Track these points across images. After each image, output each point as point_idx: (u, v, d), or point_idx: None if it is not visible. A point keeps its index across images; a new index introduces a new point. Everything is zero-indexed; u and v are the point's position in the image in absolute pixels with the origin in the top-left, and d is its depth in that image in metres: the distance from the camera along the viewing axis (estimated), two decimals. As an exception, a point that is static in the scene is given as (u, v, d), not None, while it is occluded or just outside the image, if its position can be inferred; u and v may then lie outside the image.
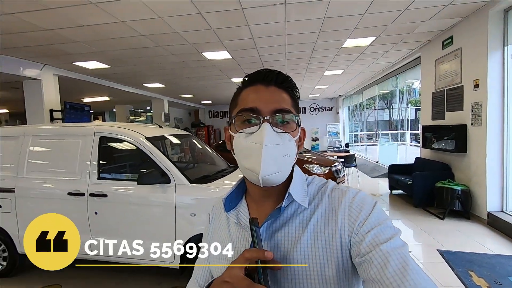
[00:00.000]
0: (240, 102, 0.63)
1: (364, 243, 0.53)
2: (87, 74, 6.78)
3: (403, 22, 4.40)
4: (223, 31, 4.42)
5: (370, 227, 0.55)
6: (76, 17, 3.64)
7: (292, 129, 0.61)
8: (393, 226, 0.55)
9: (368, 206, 0.58)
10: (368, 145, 12.97)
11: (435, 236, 3.81)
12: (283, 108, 0.60)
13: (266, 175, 0.56)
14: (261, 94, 0.61)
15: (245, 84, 0.65)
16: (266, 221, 0.61)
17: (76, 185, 2.88)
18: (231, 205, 0.69)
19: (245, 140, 0.59)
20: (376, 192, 6.52)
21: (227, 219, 0.70)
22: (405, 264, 0.48)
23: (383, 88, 9.55)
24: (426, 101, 5.67)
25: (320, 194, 0.64)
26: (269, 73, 0.63)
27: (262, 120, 0.58)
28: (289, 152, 0.59)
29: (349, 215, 0.58)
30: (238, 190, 0.71)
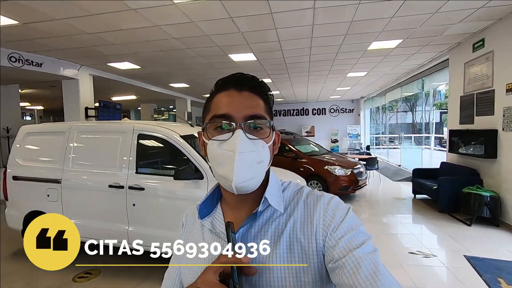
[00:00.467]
0: (212, 108, 0.62)
1: (337, 248, 0.54)
2: (118, 74, 7.16)
3: (433, 25, 4.36)
4: (250, 34, 4.56)
5: (343, 232, 0.55)
6: (116, 22, 3.91)
7: (266, 135, 0.60)
8: (365, 232, 0.57)
9: (342, 212, 0.59)
10: (390, 148, 12.72)
11: (461, 242, 3.76)
12: (256, 114, 0.59)
13: (239, 183, 0.56)
14: (234, 99, 0.60)
15: (217, 88, 0.63)
16: (242, 227, 0.60)
17: (116, 178, 3.11)
18: (205, 212, 0.68)
19: (218, 147, 0.58)
20: (398, 196, 6.44)
21: (201, 226, 0.68)
22: (376, 269, 0.49)
23: (408, 91, 9.36)
24: (454, 104, 5.55)
25: (296, 199, 0.64)
26: (242, 77, 0.62)
27: (235, 127, 0.57)
28: (263, 159, 0.59)
29: (324, 220, 0.58)
30: (213, 197, 0.70)
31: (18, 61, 5.00)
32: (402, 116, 22.92)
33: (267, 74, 7.70)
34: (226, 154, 0.57)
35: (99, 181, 3.18)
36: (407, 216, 5.21)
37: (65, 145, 3.38)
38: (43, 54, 5.33)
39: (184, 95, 11.36)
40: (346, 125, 14.68)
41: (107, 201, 3.15)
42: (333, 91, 11.59)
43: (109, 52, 5.31)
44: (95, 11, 3.53)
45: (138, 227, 3.05)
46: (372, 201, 6.20)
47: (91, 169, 3.26)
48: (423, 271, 3.10)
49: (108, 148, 3.26)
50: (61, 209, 3.31)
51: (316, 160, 6.36)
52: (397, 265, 3.21)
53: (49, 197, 3.36)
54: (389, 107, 15.62)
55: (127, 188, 3.06)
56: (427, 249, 3.61)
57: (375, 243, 0.56)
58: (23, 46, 4.82)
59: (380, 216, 5.19)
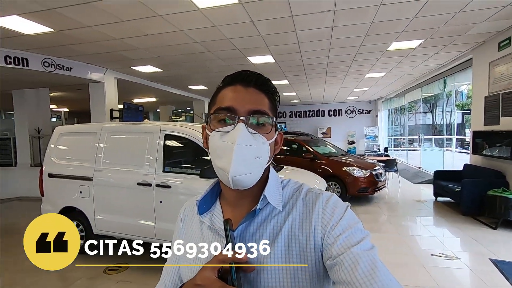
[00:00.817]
0: (217, 101, 0.63)
1: (335, 245, 0.54)
2: (141, 77, 7.43)
3: (456, 24, 4.29)
4: (270, 36, 4.64)
5: (341, 230, 0.55)
6: (142, 28, 4.09)
7: (267, 132, 0.61)
8: (363, 229, 0.57)
9: (340, 209, 0.59)
10: (409, 150, 12.45)
11: (486, 245, 3.68)
12: (259, 109, 0.60)
13: (236, 175, 0.56)
14: (239, 94, 0.61)
15: (225, 83, 0.64)
16: (241, 224, 0.61)
17: (144, 177, 3.27)
18: (204, 208, 0.68)
19: (219, 139, 0.59)
20: (419, 198, 6.33)
21: (200, 222, 0.68)
22: (374, 266, 0.49)
23: (428, 91, 9.16)
24: (478, 105, 5.41)
25: (295, 197, 0.64)
26: (249, 74, 0.62)
27: (237, 120, 0.58)
28: (262, 155, 0.59)
29: (322, 217, 0.59)
30: (212, 193, 0.70)
31: (50, 66, 5.31)
32: (421, 117, 22.33)
33: (284, 76, 7.76)
34: (225, 146, 0.57)
35: (128, 179, 3.36)
36: (429, 218, 5.12)
37: (96, 145, 3.58)
38: (73, 59, 5.63)
39: (201, 96, 11.59)
40: (363, 126, 14.48)
41: (135, 198, 3.32)
42: (350, 92, 11.49)
43: (134, 56, 5.54)
44: (125, 18, 3.73)
45: (165, 223, 3.19)
46: (392, 203, 6.12)
47: (121, 168, 3.44)
48: (446, 273, 3.06)
49: (136, 148, 3.44)
50: (92, 205, 3.51)
51: (334, 161, 6.36)
52: (419, 266, 3.19)
53: (82, 193, 3.57)
54: (408, 108, 15.29)
55: (154, 185, 3.21)
56: (450, 251, 3.56)
57: (396, 243, 0.61)
58: (56, 52, 5.12)
59: (400, 218, 5.13)
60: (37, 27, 3.90)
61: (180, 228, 0.73)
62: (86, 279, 3.12)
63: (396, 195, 6.87)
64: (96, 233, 3.54)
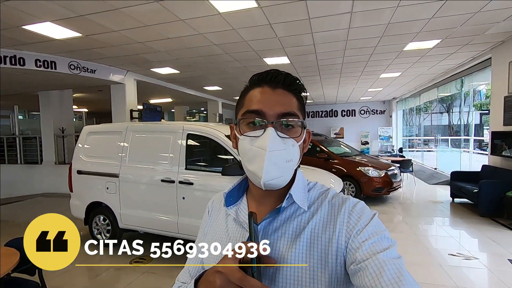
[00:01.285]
0: (246, 103, 0.63)
1: (360, 251, 0.53)
2: (159, 78, 7.67)
3: (474, 24, 4.27)
4: (287, 38, 4.74)
5: (367, 236, 0.55)
6: (165, 31, 4.27)
7: (297, 134, 0.61)
8: (390, 238, 0.56)
9: (367, 216, 0.59)
10: (424, 150, 12.26)
11: (505, 246, 3.66)
12: (288, 111, 0.60)
13: (268, 180, 0.57)
14: (267, 96, 0.61)
15: (252, 84, 0.64)
16: (264, 220, 0.62)
17: (168, 174, 3.44)
18: (231, 201, 0.70)
19: (249, 143, 0.59)
20: (435, 199, 6.28)
21: (226, 214, 0.70)
22: (400, 274, 0.48)
23: (445, 91, 9.02)
24: (497, 105, 5.33)
25: (320, 199, 0.65)
26: (277, 74, 0.62)
27: (266, 124, 0.59)
28: (292, 157, 0.60)
29: (348, 222, 0.58)
30: (239, 187, 0.72)
31: (76, 68, 5.58)
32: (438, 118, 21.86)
33: (298, 76, 7.77)
34: (256, 151, 0.58)
35: (152, 176, 3.53)
36: (445, 219, 5.10)
37: (122, 143, 3.78)
38: (97, 62, 5.90)
39: (216, 97, 11.79)
40: (377, 126, 14.33)
41: (159, 194, 3.49)
42: (364, 92, 11.43)
43: (154, 58, 5.75)
44: (149, 23, 3.91)
45: (187, 218, 3.34)
46: (407, 204, 6.10)
47: (145, 165, 3.62)
48: (464, 272, 3.09)
49: (160, 146, 3.61)
50: (118, 201, 3.71)
51: (349, 161, 6.39)
52: (436, 265, 3.22)
53: (108, 189, 3.77)
54: (423, 108, 15.04)
55: (177, 182, 3.37)
56: (467, 251, 3.56)
57: (412, 243, 0.65)
58: (81, 55, 5.39)
59: (416, 218, 5.12)
60: (67, 32, 4.14)
61: (207, 219, 0.76)
62: (113, 270, 3.31)
63: (411, 195, 6.83)
64: (122, 227, 3.74)
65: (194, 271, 0.73)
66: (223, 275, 0.48)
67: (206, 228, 0.74)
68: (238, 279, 0.46)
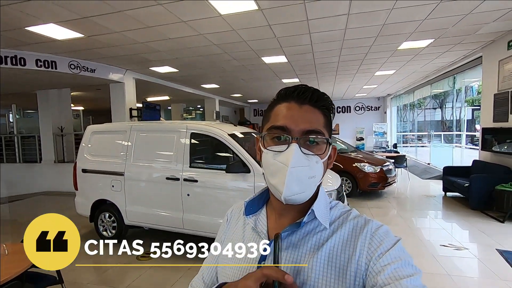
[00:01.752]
0: (272, 118, 0.63)
1: (382, 274, 0.52)
2: (157, 77, 7.73)
3: (466, 25, 4.44)
4: (285, 38, 4.86)
5: (390, 260, 0.54)
6: (166, 32, 4.35)
7: (322, 151, 0.61)
8: (415, 266, 0.55)
9: (391, 240, 0.57)
10: (418, 146, 12.52)
11: (494, 237, 3.87)
12: (314, 129, 0.60)
13: (289, 196, 0.57)
14: (294, 112, 0.60)
15: (279, 99, 0.65)
16: (283, 232, 0.61)
17: (172, 172, 3.56)
18: (251, 210, 0.70)
19: (272, 157, 0.60)
20: (428, 193, 6.50)
21: (244, 223, 0.71)
22: None
23: (438, 88, 9.25)
24: (487, 102, 5.54)
25: (342, 218, 0.64)
26: (304, 90, 0.62)
27: (291, 140, 0.58)
28: (315, 174, 0.60)
29: (370, 243, 0.57)
30: (260, 197, 0.72)
31: (76, 68, 5.63)
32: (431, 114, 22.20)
33: (295, 74, 7.96)
34: (279, 166, 0.58)
35: (157, 174, 3.65)
36: (438, 212, 5.31)
37: (127, 142, 3.88)
38: (97, 61, 5.94)
39: (213, 95, 11.86)
40: (372, 123, 14.56)
41: (164, 192, 3.61)
42: (359, 89, 11.62)
43: (154, 58, 5.82)
44: (151, 24, 3.99)
45: (192, 214, 3.47)
46: (401, 198, 6.31)
47: (150, 163, 3.73)
48: (454, 262, 3.28)
49: (164, 145, 3.72)
50: (124, 198, 3.82)
51: (345, 157, 6.55)
52: (429, 255, 3.41)
53: (114, 187, 3.87)
54: (417, 104, 15.30)
55: (182, 180, 3.49)
56: (458, 242, 3.77)
57: (407, 235, 0.70)
58: (81, 55, 5.44)
59: (410, 212, 5.33)
60: (70, 33, 4.19)
61: (225, 227, 0.76)
62: (121, 265, 3.43)
63: (405, 190, 7.05)
64: (127, 223, 3.85)
65: (209, 278, 0.73)
66: None
67: (223, 236, 0.75)
68: None
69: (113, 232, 3.99)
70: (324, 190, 0.68)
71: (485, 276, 3.00)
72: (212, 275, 0.72)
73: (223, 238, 0.74)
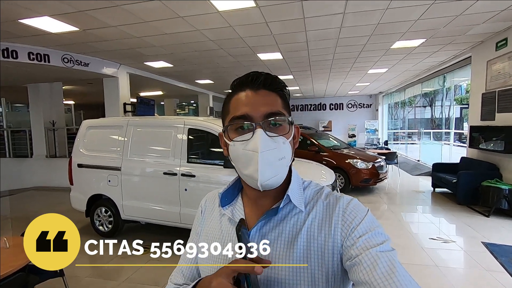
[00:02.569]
0: (231, 109, 0.63)
1: (355, 246, 0.55)
2: (151, 72, 7.68)
3: (456, 26, 4.57)
4: (281, 36, 4.91)
5: (362, 232, 0.56)
6: (162, 27, 4.34)
7: (286, 131, 0.62)
8: (384, 233, 0.57)
9: (361, 213, 0.60)
10: (408, 143, 12.80)
11: (479, 230, 4.04)
12: (274, 111, 0.60)
13: (264, 181, 0.58)
14: (251, 99, 0.61)
15: (234, 89, 0.65)
16: (261, 221, 0.62)
17: (170, 167, 3.59)
18: (226, 201, 0.70)
19: (240, 148, 0.60)
20: (417, 189, 6.70)
21: (220, 214, 0.71)
22: (393, 267, 0.50)
23: (428, 86, 9.46)
24: (475, 101, 5.72)
25: (316, 198, 0.65)
26: (257, 76, 0.62)
27: (255, 127, 0.59)
28: (284, 155, 0.60)
29: (343, 220, 0.59)
30: (234, 187, 0.72)
31: (69, 61, 5.55)
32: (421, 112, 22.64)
33: (290, 71, 8.03)
34: (249, 154, 0.58)
35: (154, 169, 3.67)
36: (427, 207, 5.49)
37: (123, 137, 3.88)
38: (90, 55, 5.87)
39: (206, 90, 11.83)
40: (364, 120, 14.80)
41: (161, 187, 3.64)
42: (352, 87, 11.77)
43: (148, 52, 5.79)
44: (148, 19, 3.98)
45: (189, 209, 3.52)
46: (392, 194, 6.49)
47: (147, 159, 3.75)
48: (442, 254, 3.43)
49: (161, 140, 3.74)
50: (120, 193, 3.83)
51: (338, 154, 6.68)
52: (418, 248, 3.56)
53: (110, 182, 3.88)
54: (407, 102, 15.59)
55: (179, 175, 3.53)
56: (446, 235, 3.93)
57: (397, 228, 0.72)
58: (75, 48, 5.36)
59: (401, 206, 5.49)
60: (64, 26, 4.14)
61: (200, 218, 0.76)
62: (118, 259, 3.46)
63: (396, 186, 7.23)
64: (124, 218, 3.87)
65: (188, 271, 0.72)
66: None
67: (199, 228, 0.74)
68: None
69: (109, 227, 4.00)
70: (296, 172, 0.69)
71: (471, 267, 3.15)
72: (192, 268, 0.72)
73: (199, 230, 0.74)
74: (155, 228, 3.97)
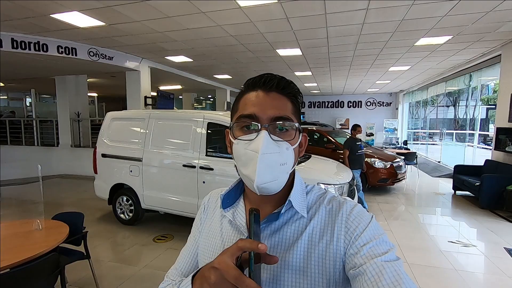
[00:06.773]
0: (240, 108, 0.62)
1: (359, 255, 0.53)
2: (172, 66, 7.83)
3: (486, 22, 4.38)
4: (301, 31, 4.87)
5: (366, 241, 0.55)
6: (185, 23, 4.42)
7: (291, 137, 0.60)
8: (388, 241, 0.56)
9: (365, 220, 0.59)
10: (429, 144, 12.42)
11: (502, 236, 3.91)
12: (282, 115, 0.59)
13: (261, 184, 0.56)
14: (261, 100, 0.60)
15: (246, 89, 0.64)
16: (262, 225, 0.61)
17: (189, 159, 3.68)
18: (228, 203, 0.69)
19: (242, 147, 0.59)
20: (437, 191, 6.51)
21: (221, 215, 0.70)
22: (399, 278, 0.48)
23: (453, 85, 9.10)
24: (504, 101, 5.47)
25: (318, 203, 0.65)
26: (270, 78, 0.62)
27: (260, 128, 0.58)
28: (286, 161, 0.59)
29: (346, 227, 0.58)
30: (236, 189, 0.71)
31: (95, 55, 5.76)
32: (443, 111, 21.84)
33: (308, 67, 7.95)
34: (249, 154, 0.57)
35: (174, 161, 3.78)
36: (446, 209, 5.34)
37: (145, 130, 4.02)
38: (114, 49, 6.07)
39: (224, 85, 11.92)
40: (383, 118, 14.43)
41: (180, 178, 3.75)
42: (372, 84, 11.51)
43: (170, 47, 5.91)
44: (171, 14, 4.07)
45: (207, 201, 3.60)
46: (410, 195, 6.35)
47: (167, 151, 3.86)
48: (461, 257, 3.35)
49: (182, 133, 3.84)
50: (141, 183, 3.98)
51: (355, 152, 6.58)
52: (436, 250, 3.49)
53: (132, 172, 4.03)
54: (429, 101, 15.07)
55: (198, 168, 3.62)
56: (466, 239, 3.82)
57: (414, 230, 0.70)
58: (101, 42, 5.56)
59: (419, 208, 5.37)
60: (92, 21, 4.31)
61: (202, 216, 0.75)
62: (138, 246, 3.61)
63: (414, 187, 7.06)
64: (144, 207, 4.02)
65: (185, 268, 0.72)
66: (218, 272, 0.46)
67: (201, 226, 0.74)
68: (233, 277, 0.44)
69: (130, 215, 4.17)
70: (299, 177, 0.68)
71: (491, 272, 3.06)
72: (189, 263, 0.73)
73: (201, 229, 0.73)
74: (173, 219, 4.10)
